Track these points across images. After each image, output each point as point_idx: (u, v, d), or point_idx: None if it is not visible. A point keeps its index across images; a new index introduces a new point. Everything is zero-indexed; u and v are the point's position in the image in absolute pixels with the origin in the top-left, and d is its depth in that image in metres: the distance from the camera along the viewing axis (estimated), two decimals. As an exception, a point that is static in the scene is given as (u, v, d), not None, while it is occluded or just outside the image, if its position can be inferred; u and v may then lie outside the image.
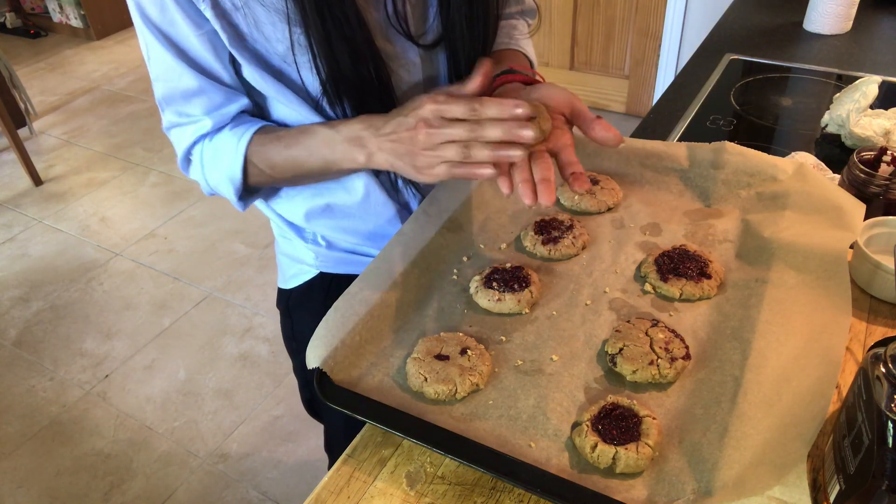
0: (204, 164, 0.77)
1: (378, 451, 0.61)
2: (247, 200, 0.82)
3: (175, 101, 0.74)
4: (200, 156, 0.77)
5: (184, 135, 0.76)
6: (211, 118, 0.74)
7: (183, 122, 0.76)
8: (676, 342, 0.64)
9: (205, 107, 0.74)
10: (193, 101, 0.73)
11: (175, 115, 0.76)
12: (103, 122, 3.42)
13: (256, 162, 0.75)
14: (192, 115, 0.74)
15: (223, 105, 0.74)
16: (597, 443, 0.56)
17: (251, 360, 2.06)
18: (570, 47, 3.04)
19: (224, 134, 0.75)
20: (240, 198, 0.79)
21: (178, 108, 0.75)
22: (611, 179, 0.87)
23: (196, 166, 0.79)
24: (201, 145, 0.76)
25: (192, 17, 0.67)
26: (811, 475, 0.56)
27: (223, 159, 0.75)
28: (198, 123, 0.75)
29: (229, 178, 0.76)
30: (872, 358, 0.50)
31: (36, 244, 2.61)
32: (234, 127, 0.75)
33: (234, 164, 0.75)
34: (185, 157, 0.79)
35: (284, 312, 0.99)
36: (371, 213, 0.85)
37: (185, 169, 0.81)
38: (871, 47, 1.43)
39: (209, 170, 0.77)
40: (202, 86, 0.72)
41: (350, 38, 0.68)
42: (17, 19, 4.42)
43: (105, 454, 1.80)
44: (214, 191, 0.81)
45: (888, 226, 0.77)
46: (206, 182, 0.79)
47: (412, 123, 0.63)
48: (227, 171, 0.76)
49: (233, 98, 0.74)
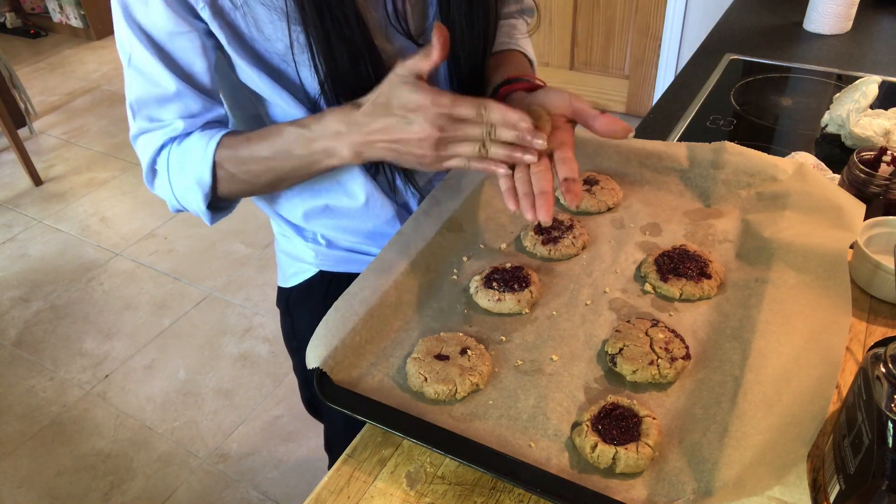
0: (170, 170, 0.74)
1: (378, 451, 0.61)
2: (215, 213, 0.78)
3: (149, 105, 0.71)
4: (167, 162, 0.74)
5: (151, 141, 0.73)
6: (183, 121, 0.72)
7: (153, 128, 0.73)
8: (676, 342, 0.64)
9: (179, 112, 0.71)
10: (168, 106, 0.71)
11: (146, 121, 0.73)
12: (103, 122, 3.42)
13: (227, 165, 0.72)
14: (164, 119, 0.72)
15: (199, 114, 0.72)
16: (597, 443, 0.56)
17: (251, 360, 2.06)
18: (570, 47, 3.04)
19: (192, 137, 0.73)
20: (208, 206, 0.75)
21: (151, 113, 0.72)
22: (611, 179, 0.87)
23: (162, 176, 0.75)
24: (168, 150, 0.73)
25: (183, 16, 0.66)
26: (811, 475, 0.56)
27: (191, 162, 0.72)
28: (168, 127, 0.72)
29: (197, 182, 0.73)
30: (872, 358, 0.50)
31: (36, 244, 2.61)
32: (204, 130, 0.73)
33: (202, 166, 0.72)
34: (150, 167, 0.75)
35: (284, 311, 0.99)
36: (370, 215, 0.85)
37: (150, 183, 0.77)
38: (871, 47, 1.43)
39: (175, 176, 0.74)
40: (180, 90, 0.70)
41: (349, 37, 0.68)
42: (17, 19, 4.42)
43: (105, 454, 1.80)
44: (181, 203, 0.77)
45: (888, 226, 0.77)
46: (172, 192, 0.76)
47: (418, 129, 0.61)
48: (195, 175, 0.73)
49: (209, 108, 0.72)
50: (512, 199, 0.63)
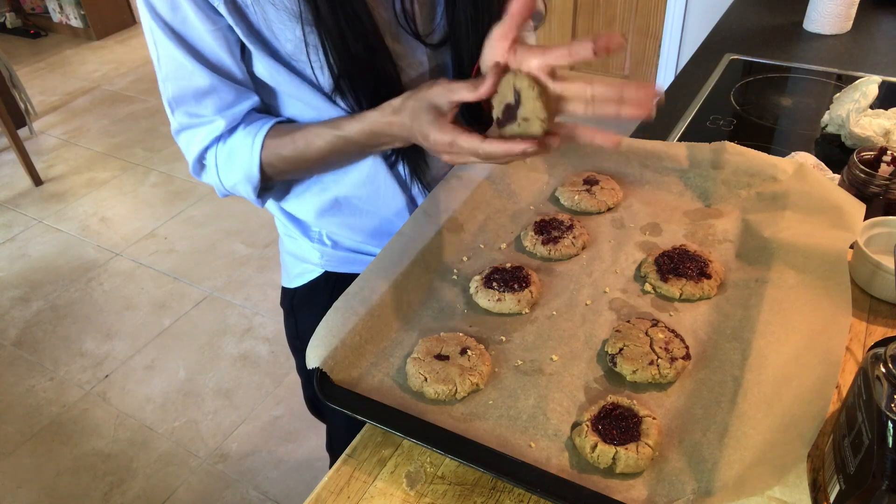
0: (219, 167, 0.78)
1: (378, 451, 0.61)
2: (264, 197, 0.82)
3: (186, 101, 0.74)
4: (215, 160, 0.77)
5: (195, 138, 0.76)
6: (223, 117, 0.74)
7: (194, 124, 0.76)
8: (676, 342, 0.64)
9: (216, 106, 0.73)
10: (205, 101, 0.73)
11: (186, 117, 0.75)
12: (103, 122, 3.42)
13: (275, 162, 0.76)
14: (204, 115, 0.74)
15: (234, 104, 0.74)
16: (597, 443, 0.56)
17: (251, 360, 2.06)
18: (570, 47, 3.04)
19: (237, 135, 0.75)
20: (258, 195, 0.80)
21: (189, 109, 0.74)
22: (611, 179, 0.87)
23: (210, 170, 0.79)
24: (215, 149, 0.77)
25: (206, 13, 0.68)
26: (811, 475, 0.56)
27: (239, 160, 0.76)
28: (210, 125, 0.75)
29: (247, 178, 0.77)
30: (872, 358, 0.50)
31: (36, 244, 2.61)
32: (247, 126, 0.75)
33: (251, 164, 0.75)
34: (197, 161, 0.78)
35: (288, 311, 0.99)
36: (380, 204, 0.85)
37: (197, 174, 0.81)
38: (871, 47, 1.43)
39: (225, 172, 0.78)
40: (213, 84, 0.72)
41: (361, 37, 0.68)
42: (17, 19, 4.42)
43: (105, 454, 1.80)
44: (230, 192, 0.81)
45: (888, 226, 0.77)
46: (222, 184, 0.80)
47: (427, 147, 0.65)
48: (245, 172, 0.76)
49: (243, 96, 0.74)
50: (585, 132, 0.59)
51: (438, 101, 0.62)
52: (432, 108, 0.63)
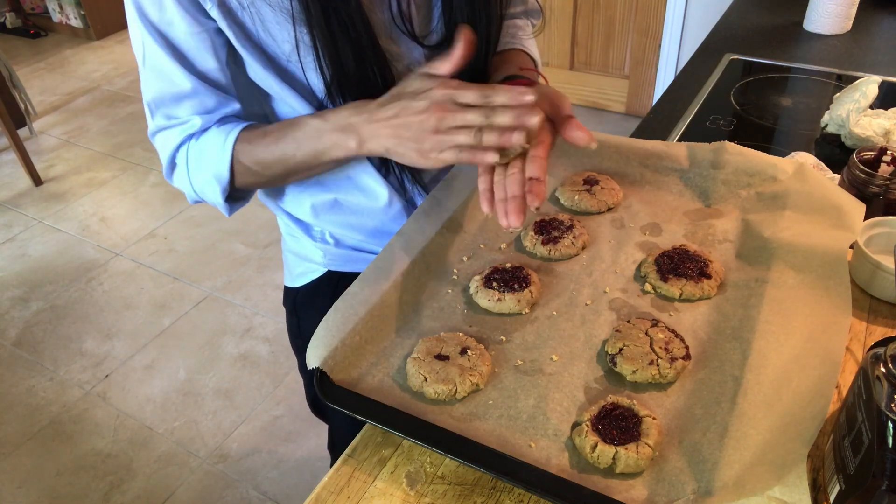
0: (189, 165, 0.76)
1: (378, 451, 0.61)
2: (233, 205, 0.80)
3: (165, 103, 0.73)
4: (186, 157, 0.76)
5: (170, 137, 0.75)
6: (200, 118, 0.73)
7: (171, 125, 0.75)
8: (676, 342, 0.64)
9: (195, 109, 0.73)
10: (184, 104, 0.73)
11: (163, 119, 0.75)
12: (103, 122, 3.42)
13: (244, 160, 0.74)
14: (181, 117, 0.74)
15: (214, 109, 0.74)
16: (597, 443, 0.56)
17: (251, 360, 2.06)
18: (570, 47, 3.04)
19: (210, 133, 0.74)
20: (226, 199, 0.77)
21: (168, 111, 0.74)
22: (611, 179, 0.87)
23: (181, 170, 0.77)
24: (186, 146, 0.75)
25: (194, 15, 0.67)
26: (811, 475, 0.56)
27: (210, 157, 0.74)
28: (186, 124, 0.74)
29: (216, 177, 0.75)
30: (872, 358, 0.50)
31: (36, 244, 2.61)
32: (221, 125, 0.75)
33: (221, 161, 0.74)
34: (170, 161, 0.77)
35: (291, 311, 0.99)
36: (379, 210, 0.85)
37: (169, 175, 0.79)
38: (871, 47, 1.43)
39: (194, 171, 0.76)
40: (195, 88, 0.71)
41: (355, 38, 0.68)
42: (17, 19, 4.42)
43: (105, 454, 1.80)
44: (199, 196, 0.79)
45: (888, 226, 0.77)
46: (192, 186, 0.78)
47: (422, 107, 0.62)
48: (214, 170, 0.75)
49: (224, 103, 0.74)
50: (487, 200, 0.65)
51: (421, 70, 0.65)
52: (420, 72, 0.65)
